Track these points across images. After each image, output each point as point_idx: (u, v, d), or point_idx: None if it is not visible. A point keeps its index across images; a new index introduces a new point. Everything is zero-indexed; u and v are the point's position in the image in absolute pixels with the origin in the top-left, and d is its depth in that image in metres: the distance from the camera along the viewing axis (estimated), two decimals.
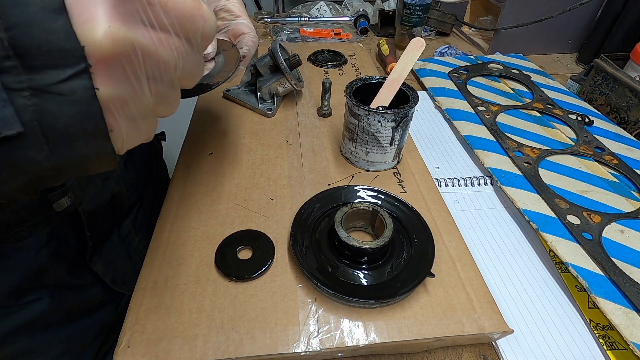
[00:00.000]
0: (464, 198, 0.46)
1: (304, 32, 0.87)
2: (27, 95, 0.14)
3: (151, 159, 0.60)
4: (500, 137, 0.52)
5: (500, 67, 0.71)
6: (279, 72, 0.53)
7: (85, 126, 0.16)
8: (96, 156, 0.17)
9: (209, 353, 0.29)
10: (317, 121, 0.55)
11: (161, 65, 0.18)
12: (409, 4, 0.76)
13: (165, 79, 0.19)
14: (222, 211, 0.40)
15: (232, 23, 0.36)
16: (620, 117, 0.59)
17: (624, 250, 0.37)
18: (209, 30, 0.20)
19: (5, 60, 0.14)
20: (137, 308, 0.32)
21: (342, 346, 0.30)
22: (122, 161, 0.49)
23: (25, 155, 0.15)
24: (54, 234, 0.39)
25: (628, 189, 0.46)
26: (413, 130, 0.58)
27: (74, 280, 0.43)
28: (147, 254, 0.36)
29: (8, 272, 0.36)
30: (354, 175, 0.46)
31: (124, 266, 0.50)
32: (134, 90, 0.17)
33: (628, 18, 0.70)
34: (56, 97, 0.15)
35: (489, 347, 0.33)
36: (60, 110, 0.15)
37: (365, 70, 0.70)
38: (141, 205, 0.54)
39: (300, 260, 0.33)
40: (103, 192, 0.44)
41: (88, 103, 0.15)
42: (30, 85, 0.14)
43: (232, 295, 0.33)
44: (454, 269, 0.35)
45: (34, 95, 0.14)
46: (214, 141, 0.51)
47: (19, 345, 0.38)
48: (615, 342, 0.32)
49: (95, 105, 0.16)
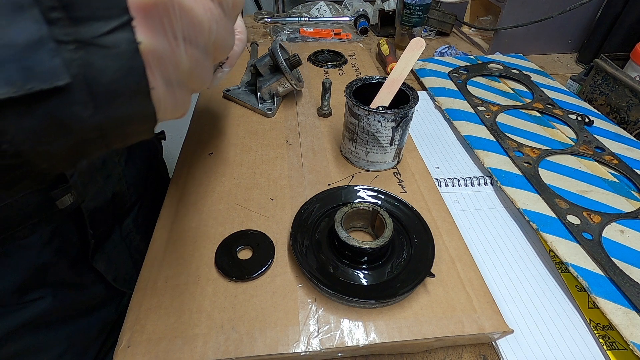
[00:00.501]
0: (464, 198, 0.46)
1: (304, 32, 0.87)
2: (73, 48, 0.14)
3: (151, 158, 0.60)
4: (500, 137, 0.52)
5: (500, 67, 0.71)
6: (279, 72, 0.53)
7: (129, 82, 0.16)
8: (137, 117, 0.17)
9: (209, 353, 0.29)
10: (317, 121, 0.55)
11: (196, 25, 0.18)
12: (409, 4, 0.76)
13: (200, 41, 0.19)
14: (222, 211, 0.40)
15: None
16: (620, 117, 0.59)
17: (624, 250, 0.37)
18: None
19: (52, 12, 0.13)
20: (137, 308, 0.32)
21: (342, 346, 0.30)
22: (123, 160, 0.49)
23: (71, 111, 0.15)
24: (56, 231, 0.39)
25: (628, 189, 0.46)
26: (413, 130, 0.58)
27: (77, 278, 0.43)
28: (147, 253, 0.36)
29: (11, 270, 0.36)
30: (354, 175, 0.46)
31: (125, 264, 0.50)
32: (171, 46, 0.17)
33: (628, 18, 0.70)
34: (101, 49, 0.15)
35: (489, 347, 0.33)
36: (105, 63, 0.15)
37: (365, 70, 0.70)
38: (142, 204, 0.54)
39: (300, 260, 0.33)
40: (105, 190, 0.44)
41: (131, 57, 0.15)
42: (76, 38, 0.14)
43: (232, 295, 0.33)
44: (454, 269, 0.35)
45: (79, 49, 0.14)
46: (214, 141, 0.51)
47: (22, 343, 0.38)
48: (615, 342, 0.32)
49: (138, 59, 0.16)
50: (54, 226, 0.39)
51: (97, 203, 0.43)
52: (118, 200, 0.48)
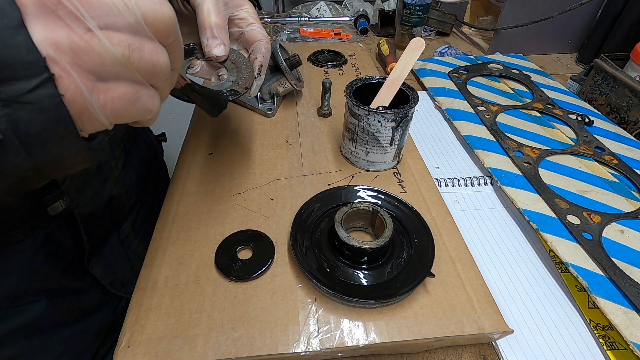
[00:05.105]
0: (464, 198, 0.46)
1: (304, 32, 0.87)
2: None
3: (151, 160, 0.60)
4: (500, 137, 0.52)
5: (500, 67, 0.71)
6: (279, 72, 0.53)
7: (57, 130, 0.17)
8: (70, 155, 0.18)
9: (209, 353, 0.29)
10: (317, 121, 0.55)
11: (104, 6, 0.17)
12: (409, 4, 0.76)
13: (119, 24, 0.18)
14: (222, 211, 0.40)
15: (245, 30, 0.36)
16: (620, 117, 0.59)
17: (624, 250, 0.37)
18: None
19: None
20: (137, 308, 0.32)
21: (342, 346, 0.30)
22: (120, 163, 0.49)
23: (6, 159, 0.16)
24: (50, 237, 0.39)
25: (628, 189, 0.46)
26: (413, 130, 0.58)
27: (72, 283, 0.43)
28: (147, 254, 0.36)
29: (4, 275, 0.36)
30: (354, 175, 0.46)
31: (122, 269, 0.49)
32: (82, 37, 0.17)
33: (628, 18, 0.70)
34: (25, 106, 0.16)
35: (489, 347, 0.33)
36: (31, 117, 0.16)
37: (365, 70, 0.70)
38: (141, 207, 0.54)
39: (300, 260, 0.33)
40: (101, 195, 0.44)
41: (56, 109, 0.17)
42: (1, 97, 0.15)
43: (232, 295, 0.33)
44: (454, 269, 0.35)
45: (5, 106, 0.16)
46: (214, 141, 0.51)
47: (17, 347, 0.38)
48: (615, 342, 0.32)
49: (63, 110, 0.17)
50: (47, 231, 0.38)
51: (93, 208, 0.42)
52: (115, 204, 0.48)
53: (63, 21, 0.16)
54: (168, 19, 0.20)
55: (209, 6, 0.31)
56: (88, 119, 0.18)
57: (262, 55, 0.35)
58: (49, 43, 0.16)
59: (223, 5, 0.32)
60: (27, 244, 0.37)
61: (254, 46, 0.36)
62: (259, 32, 0.36)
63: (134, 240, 0.52)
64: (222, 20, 0.32)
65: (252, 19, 0.36)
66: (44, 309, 0.39)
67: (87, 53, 0.17)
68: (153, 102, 0.21)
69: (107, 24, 0.17)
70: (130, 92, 0.19)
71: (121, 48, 0.18)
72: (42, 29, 0.16)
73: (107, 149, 0.46)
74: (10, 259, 0.36)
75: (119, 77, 0.18)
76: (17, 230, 0.35)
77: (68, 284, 0.42)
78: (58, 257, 0.40)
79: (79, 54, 0.17)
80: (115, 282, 0.48)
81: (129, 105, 0.19)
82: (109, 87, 0.18)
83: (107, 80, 0.18)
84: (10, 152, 0.16)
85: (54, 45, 0.16)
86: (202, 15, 0.31)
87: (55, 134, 0.17)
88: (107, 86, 0.18)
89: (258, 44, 0.35)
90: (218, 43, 0.31)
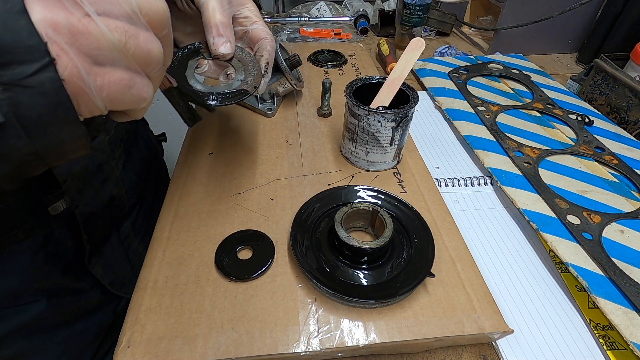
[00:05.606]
0: (464, 198, 0.46)
1: (304, 32, 0.87)
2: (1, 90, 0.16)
3: (151, 160, 0.60)
4: (500, 137, 0.52)
5: (500, 67, 0.71)
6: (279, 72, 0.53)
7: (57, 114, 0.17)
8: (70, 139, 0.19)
9: (209, 353, 0.29)
10: (317, 121, 0.55)
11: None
12: (409, 4, 0.76)
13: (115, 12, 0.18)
14: (222, 211, 0.40)
15: (249, 28, 0.36)
16: (620, 117, 0.59)
17: (624, 250, 0.37)
18: None
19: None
20: (137, 308, 0.32)
21: (342, 346, 0.30)
22: (120, 163, 0.49)
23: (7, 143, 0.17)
24: (50, 237, 0.39)
25: (628, 189, 0.46)
26: (413, 130, 0.58)
27: (72, 283, 0.43)
28: (147, 253, 0.36)
29: (4, 275, 0.36)
30: (354, 175, 0.46)
31: (122, 269, 0.49)
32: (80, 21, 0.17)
33: (628, 18, 0.70)
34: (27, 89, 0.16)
35: (489, 347, 0.33)
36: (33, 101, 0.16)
37: (365, 70, 0.70)
38: (141, 207, 0.54)
39: (300, 260, 0.33)
40: (101, 195, 0.44)
41: (57, 93, 0.17)
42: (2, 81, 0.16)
43: (232, 295, 0.33)
44: (454, 269, 0.35)
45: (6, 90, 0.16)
46: (214, 141, 0.51)
47: (17, 347, 0.38)
48: (615, 342, 0.32)
49: (63, 94, 0.17)
50: (47, 231, 0.38)
51: (93, 208, 0.42)
52: (115, 204, 0.48)
53: (62, 4, 0.17)
54: (162, 12, 0.21)
55: (214, 5, 0.31)
56: (85, 101, 0.18)
57: (267, 53, 0.35)
58: (47, 23, 0.16)
59: (227, 4, 0.32)
60: (27, 244, 0.37)
61: (259, 44, 0.36)
62: (263, 30, 0.36)
63: (134, 240, 0.52)
64: (227, 18, 0.32)
65: (255, 17, 0.36)
66: (44, 309, 0.39)
67: (85, 36, 0.17)
68: (147, 90, 0.21)
69: (105, 11, 0.18)
70: (126, 77, 0.20)
71: (118, 34, 0.18)
72: (42, 10, 0.16)
73: (107, 149, 0.46)
74: (10, 259, 0.36)
75: (115, 63, 0.19)
76: (17, 230, 0.35)
77: (68, 284, 0.42)
78: (58, 257, 0.40)
79: (76, 36, 0.17)
80: (115, 282, 0.48)
81: (124, 91, 0.20)
82: (105, 71, 0.19)
83: (103, 64, 0.18)
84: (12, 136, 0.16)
85: (52, 25, 0.16)
86: (207, 13, 0.31)
87: (56, 118, 0.17)
88: (104, 70, 0.18)
89: (263, 42, 0.36)
90: (224, 41, 0.31)
